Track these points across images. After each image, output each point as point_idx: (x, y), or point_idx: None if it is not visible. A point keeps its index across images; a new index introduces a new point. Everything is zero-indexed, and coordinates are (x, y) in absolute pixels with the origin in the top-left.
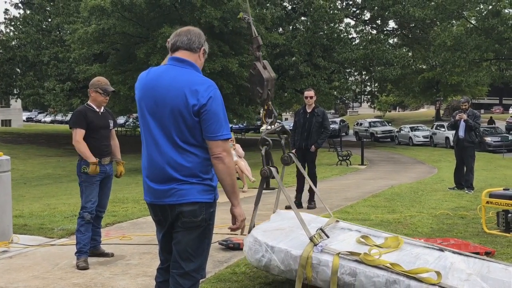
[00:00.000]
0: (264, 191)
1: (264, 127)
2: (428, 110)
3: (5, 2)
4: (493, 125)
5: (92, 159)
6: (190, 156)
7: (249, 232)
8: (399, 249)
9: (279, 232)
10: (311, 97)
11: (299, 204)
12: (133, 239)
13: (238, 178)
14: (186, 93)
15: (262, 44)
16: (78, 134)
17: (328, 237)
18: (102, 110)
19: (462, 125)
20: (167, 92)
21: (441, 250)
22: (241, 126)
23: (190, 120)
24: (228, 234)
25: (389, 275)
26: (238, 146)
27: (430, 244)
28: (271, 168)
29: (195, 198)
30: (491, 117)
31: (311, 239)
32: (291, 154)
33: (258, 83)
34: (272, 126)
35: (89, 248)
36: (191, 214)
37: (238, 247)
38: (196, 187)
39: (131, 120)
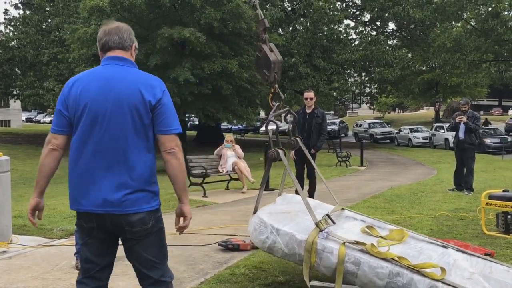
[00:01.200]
0: (263, 192)
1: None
2: (427, 112)
3: (5, 2)
4: (489, 126)
5: None
6: (140, 162)
7: (254, 213)
8: (403, 242)
9: (284, 215)
10: (311, 99)
11: None
12: None
13: (237, 179)
14: (141, 89)
15: (268, 27)
16: None
17: (334, 223)
18: None
19: (462, 126)
20: (121, 91)
21: (445, 246)
22: (241, 127)
23: (146, 118)
24: (227, 235)
25: (392, 267)
26: (237, 147)
27: (434, 240)
28: (278, 150)
29: (142, 207)
30: (486, 119)
31: (317, 224)
32: (297, 138)
33: (265, 66)
34: (280, 110)
35: None
36: (141, 222)
37: (237, 248)
38: (143, 195)
39: None
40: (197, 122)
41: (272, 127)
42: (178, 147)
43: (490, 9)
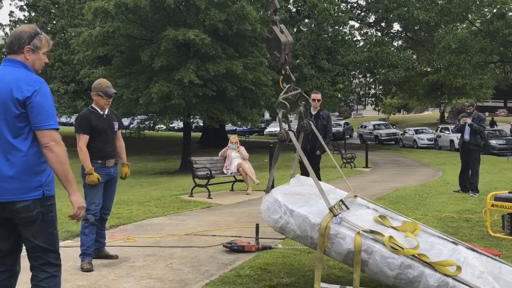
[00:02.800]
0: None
1: (268, 130)
2: (432, 113)
3: (10, 4)
4: (495, 127)
5: (88, 168)
6: (20, 153)
7: (267, 191)
8: (415, 235)
9: (298, 197)
10: (318, 100)
11: None
12: (138, 241)
13: (242, 181)
14: (12, 88)
15: (279, 8)
16: (82, 141)
17: (348, 208)
18: (107, 112)
19: (467, 128)
20: None
21: (455, 243)
22: (245, 128)
23: (18, 114)
24: (232, 236)
25: (404, 259)
26: (242, 148)
27: (445, 235)
28: (288, 131)
29: (25, 196)
30: (492, 118)
31: (330, 209)
32: (310, 121)
33: (276, 47)
34: (290, 92)
35: (94, 250)
36: (25, 209)
37: (242, 249)
38: (24, 185)
39: (135, 122)
40: (201, 124)
41: (282, 108)
42: (54, 141)
43: (495, 10)
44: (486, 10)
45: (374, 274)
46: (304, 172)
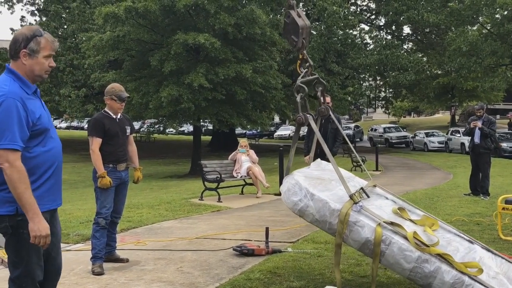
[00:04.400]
0: (278, 196)
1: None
2: (443, 116)
3: (21, 9)
4: (507, 130)
5: (100, 171)
6: None
7: (286, 173)
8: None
9: (319, 181)
10: (328, 103)
11: None
12: (148, 244)
13: (251, 184)
14: None
15: None
16: (95, 144)
17: (368, 197)
18: (119, 117)
19: (477, 131)
20: None
21: (471, 242)
22: (255, 132)
23: None
24: (242, 240)
25: (422, 252)
26: (252, 152)
27: (461, 233)
28: (306, 115)
29: None
30: (510, 120)
31: (351, 196)
32: (328, 106)
33: (293, 31)
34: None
35: (104, 253)
36: None
37: (252, 253)
38: None
39: (145, 126)
40: (211, 128)
41: (300, 92)
42: (8, 162)
43: (506, 12)
44: (497, 12)
45: (390, 265)
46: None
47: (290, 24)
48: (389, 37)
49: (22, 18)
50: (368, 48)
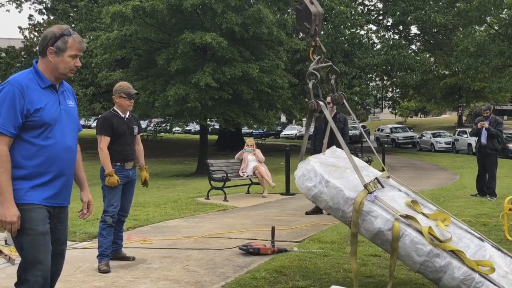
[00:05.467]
0: (284, 196)
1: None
2: (450, 116)
3: (29, 8)
4: None
5: (108, 169)
6: None
7: (300, 158)
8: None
9: (334, 168)
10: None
11: (319, 210)
12: (154, 243)
13: (258, 183)
14: None
15: None
16: (103, 142)
17: (383, 187)
18: (127, 116)
19: (484, 132)
20: None
21: (481, 239)
22: (261, 131)
23: None
24: (248, 239)
25: (433, 247)
26: (258, 151)
27: (472, 229)
28: (318, 101)
29: None
30: None
31: (365, 186)
32: (341, 94)
33: (305, 18)
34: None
35: (111, 251)
36: None
37: (258, 252)
38: None
39: (152, 125)
40: (218, 127)
41: (313, 79)
42: None
43: None
44: (505, 12)
45: (401, 257)
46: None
47: (303, 11)
48: (396, 37)
49: (30, 17)
50: (375, 48)
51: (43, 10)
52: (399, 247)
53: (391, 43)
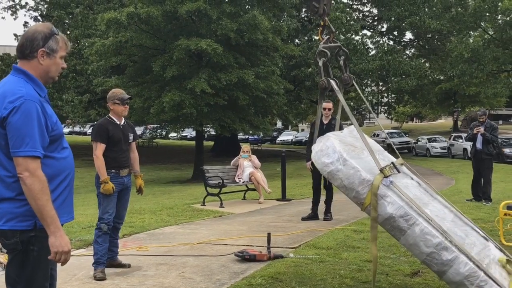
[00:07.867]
0: (280, 202)
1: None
2: (445, 121)
3: (24, 15)
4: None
5: (103, 176)
6: (6, 176)
7: (314, 141)
8: (451, 221)
9: (352, 148)
10: (329, 109)
11: (315, 216)
12: (150, 250)
13: (254, 189)
14: None
15: None
16: (98, 149)
17: (399, 172)
18: (123, 123)
19: (479, 137)
20: None
21: (486, 238)
22: (257, 137)
23: (4, 134)
24: (244, 245)
25: (443, 240)
26: (254, 157)
27: (476, 227)
28: (329, 79)
29: (4, 225)
30: None
31: (381, 170)
32: (350, 75)
33: None
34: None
35: (107, 259)
36: (2, 235)
37: (254, 258)
38: (8, 209)
39: (147, 131)
40: (213, 133)
41: (322, 57)
42: (28, 171)
43: (508, 18)
44: (499, 18)
45: (408, 246)
46: (316, 186)
47: None
48: (391, 42)
49: (25, 24)
50: (370, 54)
51: (39, 17)
52: (408, 235)
53: (386, 48)
